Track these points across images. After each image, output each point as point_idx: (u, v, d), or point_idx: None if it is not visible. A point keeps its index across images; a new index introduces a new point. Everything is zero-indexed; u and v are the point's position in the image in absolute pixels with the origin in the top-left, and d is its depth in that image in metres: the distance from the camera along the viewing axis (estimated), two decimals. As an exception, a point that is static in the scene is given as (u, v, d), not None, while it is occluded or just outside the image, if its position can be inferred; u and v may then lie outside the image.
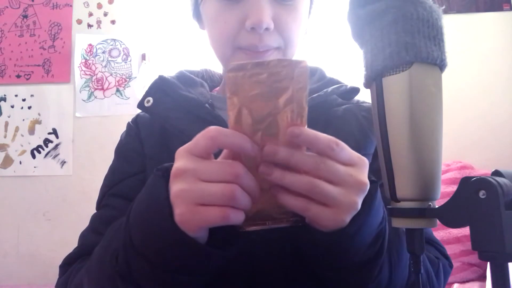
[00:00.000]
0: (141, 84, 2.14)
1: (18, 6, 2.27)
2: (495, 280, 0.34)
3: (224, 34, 0.62)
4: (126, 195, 0.64)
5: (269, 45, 0.61)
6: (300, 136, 0.38)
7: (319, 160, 0.39)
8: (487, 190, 0.34)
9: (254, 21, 0.58)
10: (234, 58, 0.63)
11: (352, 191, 0.40)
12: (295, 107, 0.39)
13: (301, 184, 0.39)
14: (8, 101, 2.22)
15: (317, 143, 0.39)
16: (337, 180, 0.39)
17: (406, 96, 0.40)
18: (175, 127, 0.63)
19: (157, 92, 0.66)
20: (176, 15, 2.12)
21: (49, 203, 2.13)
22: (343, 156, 0.40)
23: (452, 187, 1.63)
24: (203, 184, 0.38)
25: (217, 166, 0.39)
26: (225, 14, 0.61)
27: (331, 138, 0.40)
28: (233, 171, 0.38)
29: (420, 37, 0.40)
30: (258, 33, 0.59)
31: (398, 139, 0.40)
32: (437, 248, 0.64)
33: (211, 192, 0.38)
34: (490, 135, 1.98)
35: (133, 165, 0.66)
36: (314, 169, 0.39)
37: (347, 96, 0.67)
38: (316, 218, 0.40)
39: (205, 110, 0.63)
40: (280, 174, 0.39)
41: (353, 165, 0.41)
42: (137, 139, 0.68)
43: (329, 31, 1.97)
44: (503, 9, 2.05)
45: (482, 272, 1.60)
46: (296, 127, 0.39)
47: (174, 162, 0.41)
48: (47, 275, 1.97)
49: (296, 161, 0.39)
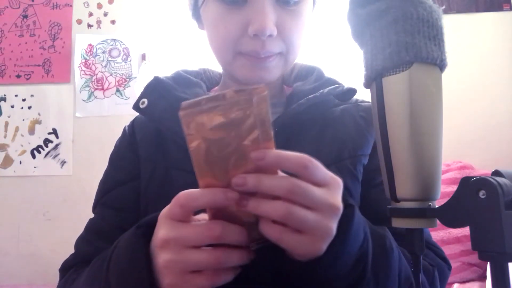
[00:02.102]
0: (141, 84, 2.14)
1: (18, 6, 2.27)
2: (495, 280, 0.34)
3: (225, 39, 0.61)
4: (115, 206, 0.65)
5: (271, 51, 0.60)
6: (264, 158, 0.37)
7: (293, 183, 0.37)
8: (487, 190, 0.34)
9: (257, 27, 0.57)
10: (235, 63, 0.62)
11: (327, 216, 0.39)
12: (260, 132, 0.37)
13: (276, 211, 0.37)
14: (8, 101, 2.22)
15: (287, 163, 0.38)
16: (312, 205, 0.38)
17: (406, 96, 0.40)
18: (169, 129, 0.62)
19: (152, 94, 0.66)
20: (176, 15, 2.12)
21: (49, 203, 2.13)
22: (317, 175, 0.39)
23: (452, 187, 1.63)
24: (189, 252, 0.39)
25: (198, 231, 0.39)
26: (227, 18, 0.60)
27: (304, 156, 0.38)
28: (213, 234, 0.38)
29: (420, 37, 0.40)
30: (261, 39, 0.58)
31: (398, 139, 0.40)
32: (435, 251, 0.63)
33: (197, 261, 0.38)
34: (490, 135, 1.98)
35: (124, 173, 0.67)
36: (288, 193, 0.37)
37: (344, 97, 0.66)
38: (292, 247, 0.39)
39: None
40: (255, 204, 0.38)
41: (327, 185, 0.39)
42: (131, 145, 0.68)
43: (329, 31, 1.97)
44: (503, 9, 2.05)
45: (482, 272, 1.60)
46: (259, 151, 0.37)
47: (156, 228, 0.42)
48: (47, 275, 1.97)
49: (266, 187, 0.37)
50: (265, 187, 0.37)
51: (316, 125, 0.65)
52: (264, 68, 0.61)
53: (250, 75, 0.62)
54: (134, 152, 0.67)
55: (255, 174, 0.37)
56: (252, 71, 0.62)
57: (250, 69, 0.61)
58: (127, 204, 0.65)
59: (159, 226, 0.41)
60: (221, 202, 0.37)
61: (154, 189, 0.62)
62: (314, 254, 0.40)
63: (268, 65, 0.61)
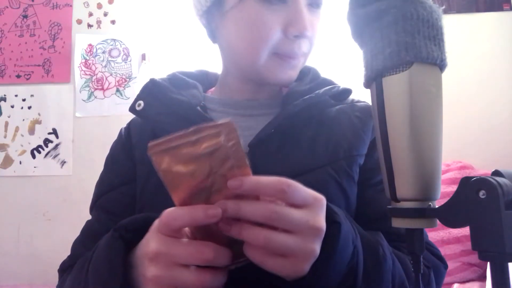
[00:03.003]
0: (141, 84, 2.14)
1: (18, 6, 2.27)
2: (495, 280, 0.34)
3: (263, 38, 0.60)
4: (109, 209, 0.66)
5: (305, 52, 0.63)
6: (241, 186, 0.38)
7: (270, 209, 0.38)
8: (487, 190, 0.34)
9: (299, 29, 0.59)
10: (269, 63, 0.62)
11: (309, 238, 0.39)
12: (234, 161, 0.38)
13: (256, 239, 0.38)
14: (8, 101, 2.22)
15: (264, 189, 0.39)
16: (292, 228, 0.39)
17: (406, 96, 0.40)
18: (165, 132, 0.61)
19: (148, 96, 0.66)
20: (176, 15, 2.12)
21: (49, 203, 2.13)
22: (296, 198, 0.39)
23: (452, 187, 1.63)
24: (178, 271, 0.39)
25: (189, 252, 0.39)
26: (266, 18, 0.59)
27: (281, 180, 0.38)
28: (205, 258, 0.38)
29: (420, 37, 0.40)
30: (298, 40, 0.60)
31: (398, 139, 0.40)
32: (431, 251, 0.64)
33: (185, 281, 0.39)
34: (490, 135, 1.98)
35: (118, 177, 0.67)
36: (267, 219, 0.38)
37: (339, 97, 0.67)
38: (275, 270, 0.40)
39: (196, 113, 0.63)
40: (237, 230, 0.39)
41: (308, 206, 0.40)
42: (126, 148, 0.68)
43: (329, 31, 1.97)
44: (503, 9, 2.05)
45: (482, 272, 1.60)
46: (235, 179, 0.38)
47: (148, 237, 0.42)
48: (47, 275, 1.97)
49: (246, 214, 0.38)
50: (245, 214, 0.38)
51: (311, 125, 0.65)
52: (293, 67, 0.63)
53: (281, 75, 0.63)
54: (129, 155, 0.67)
55: (235, 201, 0.38)
56: (283, 71, 0.63)
57: (281, 69, 0.63)
58: (121, 208, 0.65)
59: (150, 237, 0.42)
60: (201, 221, 0.38)
61: (150, 192, 0.62)
62: (298, 275, 0.41)
63: (296, 65, 0.63)
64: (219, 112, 0.69)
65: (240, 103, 0.69)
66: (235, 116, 0.67)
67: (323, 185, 0.59)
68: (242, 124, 0.66)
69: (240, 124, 0.66)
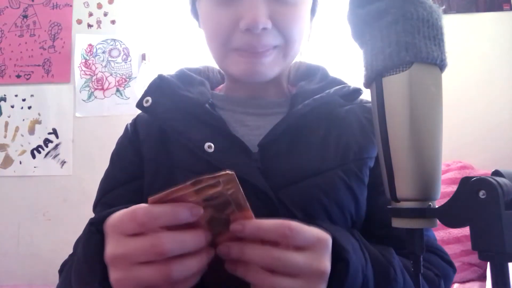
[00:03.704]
0: (141, 84, 2.14)
1: (18, 6, 2.27)
2: (495, 280, 0.34)
3: (217, 34, 0.59)
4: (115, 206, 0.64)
5: (268, 45, 0.58)
6: (244, 230, 0.38)
7: (272, 255, 0.38)
8: (487, 190, 0.34)
9: (248, 21, 0.55)
10: (228, 59, 0.61)
11: (312, 281, 0.39)
12: (234, 207, 0.40)
13: (261, 281, 0.38)
14: (8, 101, 2.22)
15: (266, 233, 0.39)
16: (295, 273, 0.39)
17: (406, 96, 0.40)
18: (173, 129, 0.61)
19: (156, 92, 0.64)
20: (176, 15, 2.12)
21: (49, 203, 2.13)
22: (299, 241, 0.39)
23: (452, 187, 1.63)
24: (137, 270, 0.38)
25: (143, 248, 0.37)
26: (218, 14, 0.58)
27: (283, 224, 0.38)
28: (158, 251, 0.36)
29: (420, 37, 0.40)
30: (255, 33, 0.57)
31: (398, 139, 0.40)
32: (441, 256, 0.62)
33: (148, 279, 0.37)
34: (490, 135, 1.98)
35: (125, 173, 0.65)
36: (269, 265, 0.38)
37: (349, 97, 0.65)
38: None
39: (204, 111, 0.62)
40: (244, 271, 0.39)
41: (311, 248, 0.40)
42: (133, 144, 0.67)
43: (329, 31, 1.97)
44: (503, 9, 2.05)
45: (482, 272, 1.60)
46: (237, 223, 0.39)
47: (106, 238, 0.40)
48: (47, 275, 1.97)
49: (249, 258, 0.39)
50: (248, 258, 0.39)
51: (321, 126, 0.63)
52: (261, 63, 0.59)
53: (246, 71, 0.60)
54: (136, 151, 0.65)
55: (238, 244, 0.39)
56: (247, 67, 0.60)
57: (245, 65, 0.60)
58: (128, 205, 0.64)
59: (107, 239, 0.40)
60: (186, 220, 0.37)
61: (158, 189, 0.61)
62: None
63: (265, 60, 0.59)
64: (227, 110, 0.67)
65: (248, 102, 0.68)
66: (243, 115, 0.66)
67: (333, 188, 0.58)
68: (251, 123, 0.65)
69: (249, 124, 0.65)
